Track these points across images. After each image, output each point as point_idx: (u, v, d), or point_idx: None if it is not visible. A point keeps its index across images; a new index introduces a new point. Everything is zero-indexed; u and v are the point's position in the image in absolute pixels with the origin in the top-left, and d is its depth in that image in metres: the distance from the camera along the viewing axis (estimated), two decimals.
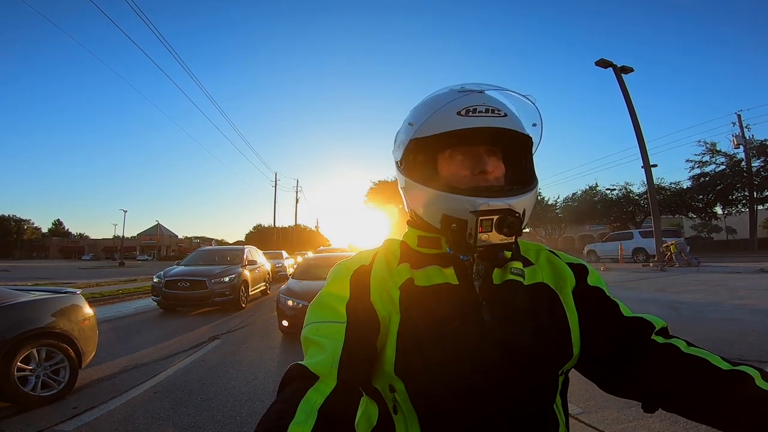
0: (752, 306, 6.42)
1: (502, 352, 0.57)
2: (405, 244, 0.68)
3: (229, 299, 8.31)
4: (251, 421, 2.93)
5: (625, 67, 17.35)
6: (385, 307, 0.60)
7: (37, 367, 3.36)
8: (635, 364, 0.59)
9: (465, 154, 0.62)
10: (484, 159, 0.61)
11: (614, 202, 31.48)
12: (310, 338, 0.57)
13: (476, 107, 0.60)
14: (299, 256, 19.18)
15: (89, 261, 58.83)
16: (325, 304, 0.60)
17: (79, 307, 3.91)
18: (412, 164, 0.67)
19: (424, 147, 0.64)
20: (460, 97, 0.61)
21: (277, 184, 37.62)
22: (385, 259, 0.65)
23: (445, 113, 0.60)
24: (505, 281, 0.63)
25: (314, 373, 0.50)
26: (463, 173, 0.62)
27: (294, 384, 0.50)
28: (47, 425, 2.94)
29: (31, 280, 16.01)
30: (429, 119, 0.62)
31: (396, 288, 0.61)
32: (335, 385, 0.50)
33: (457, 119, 0.59)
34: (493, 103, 0.61)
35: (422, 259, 0.65)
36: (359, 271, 0.63)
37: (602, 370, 0.63)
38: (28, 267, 34.78)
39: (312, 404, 0.47)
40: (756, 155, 24.60)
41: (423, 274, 0.62)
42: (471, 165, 0.62)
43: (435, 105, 0.63)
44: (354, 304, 0.59)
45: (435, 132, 0.61)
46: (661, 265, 14.59)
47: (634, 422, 2.63)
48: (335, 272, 0.65)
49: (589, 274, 0.68)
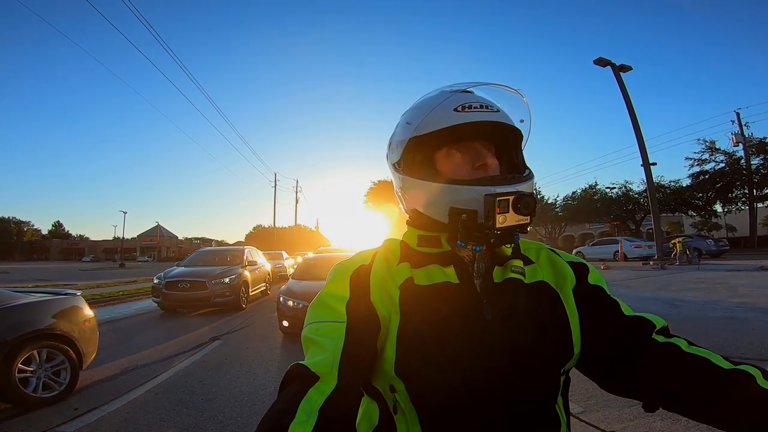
0: (752, 304, 6.43)
1: (503, 350, 0.57)
2: (405, 244, 0.68)
3: (229, 300, 8.32)
4: (252, 421, 2.93)
5: (623, 66, 17.38)
6: (385, 307, 0.60)
7: (37, 369, 3.37)
8: (636, 363, 0.59)
9: (463, 150, 0.64)
10: (482, 153, 0.63)
11: (614, 200, 31.50)
12: (310, 338, 0.57)
13: (471, 104, 0.62)
14: (299, 257, 19.17)
15: (89, 262, 58.78)
16: (325, 304, 0.60)
17: (80, 309, 3.91)
18: (411, 163, 0.68)
19: (423, 145, 0.66)
20: (455, 95, 0.65)
21: (276, 185, 37.65)
22: (384, 259, 0.65)
23: (442, 110, 0.63)
24: (506, 279, 0.62)
25: (315, 373, 0.50)
26: (463, 168, 0.63)
27: (295, 384, 0.50)
28: (48, 426, 2.95)
29: (32, 282, 16.04)
30: (427, 117, 0.64)
31: (396, 287, 0.61)
32: (336, 385, 0.49)
33: (454, 115, 0.62)
34: (486, 99, 0.65)
35: (422, 258, 0.65)
36: (359, 271, 0.63)
37: (603, 369, 0.63)
38: (29, 269, 34.78)
39: (313, 404, 0.47)
40: (755, 153, 24.62)
41: (423, 273, 0.62)
42: (470, 160, 0.63)
43: (432, 104, 0.65)
44: (354, 304, 0.59)
45: (434, 128, 0.63)
46: (662, 263, 14.65)
47: (634, 421, 2.63)
48: (335, 272, 0.65)
49: (589, 273, 0.68)
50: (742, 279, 9.70)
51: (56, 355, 3.52)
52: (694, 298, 7.40)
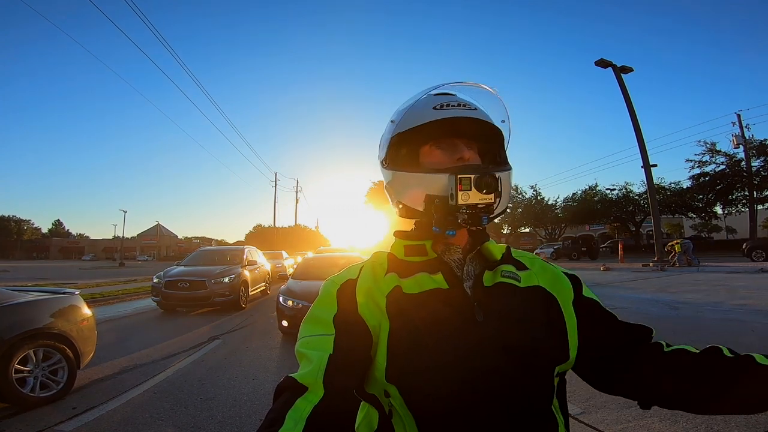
0: (752, 306, 6.44)
1: (496, 352, 0.57)
2: (392, 256, 0.70)
3: (228, 299, 8.32)
4: (251, 421, 2.92)
5: (624, 67, 17.38)
6: (374, 317, 0.61)
7: (35, 368, 3.35)
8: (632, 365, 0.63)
9: (443, 146, 0.67)
10: (461, 148, 0.66)
11: (614, 202, 31.52)
12: (301, 351, 0.59)
13: (449, 102, 0.66)
14: (299, 257, 19.17)
15: (89, 261, 58.74)
16: (314, 319, 0.62)
17: (78, 308, 3.88)
18: (395, 158, 0.71)
19: (406, 142, 0.69)
20: (436, 95, 0.68)
21: (277, 185, 37.65)
22: (371, 271, 0.67)
23: (422, 108, 0.67)
24: (497, 283, 0.64)
25: (302, 384, 0.52)
26: (443, 161, 0.66)
27: (285, 395, 0.53)
28: (47, 425, 2.95)
29: (32, 281, 16.02)
30: (407, 114, 0.68)
31: (383, 296, 0.63)
32: (323, 394, 0.51)
33: (433, 112, 0.65)
34: (465, 99, 0.68)
35: (410, 267, 0.66)
36: (345, 285, 0.65)
37: (599, 372, 0.66)
38: (28, 267, 34.80)
39: (300, 413, 0.49)
40: (756, 155, 24.59)
41: (412, 282, 0.64)
42: (450, 154, 0.66)
43: (412, 102, 0.69)
44: (342, 317, 0.61)
45: (413, 125, 0.66)
46: (662, 265, 14.64)
47: (633, 422, 2.63)
48: (323, 288, 0.67)
49: (582, 287, 0.70)
50: (742, 281, 9.70)
51: (53, 355, 3.50)
52: (693, 300, 7.40)
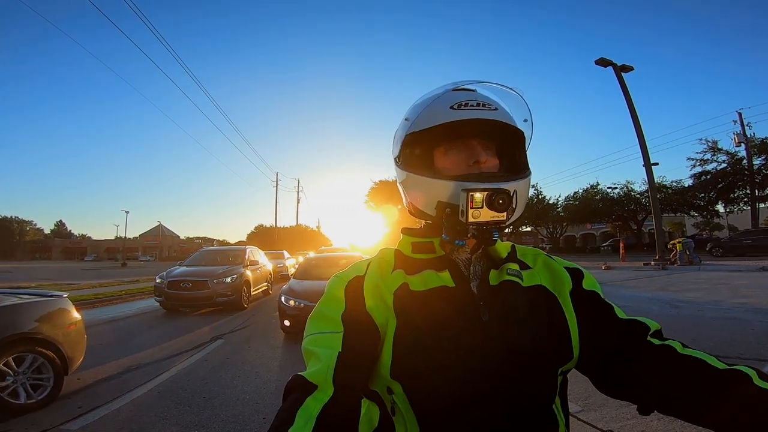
0: (753, 305, 6.42)
1: (501, 351, 0.57)
2: (399, 252, 0.69)
3: (231, 299, 8.34)
4: (254, 419, 2.95)
5: (625, 66, 17.32)
6: (382, 314, 0.61)
7: (18, 374, 3.22)
8: (631, 366, 0.60)
9: (459, 147, 0.64)
10: (477, 150, 0.63)
11: (615, 200, 31.40)
12: (309, 349, 0.58)
13: (468, 102, 0.62)
14: (301, 256, 19.18)
15: (92, 262, 58.85)
16: (322, 316, 0.62)
17: (66, 312, 3.73)
18: (409, 158, 0.69)
19: (420, 141, 0.66)
20: (454, 93, 0.64)
21: (278, 185, 37.71)
22: (378, 268, 0.66)
23: (438, 107, 0.63)
24: (503, 282, 0.63)
25: (312, 382, 0.51)
26: (458, 165, 0.63)
27: (294, 394, 0.52)
28: (52, 425, 2.98)
29: (34, 282, 16.09)
30: (423, 113, 0.64)
31: (390, 293, 0.62)
32: (333, 393, 0.50)
33: (450, 112, 0.62)
34: (485, 98, 0.64)
35: (417, 264, 0.65)
36: (353, 282, 0.64)
37: (599, 372, 0.64)
38: (31, 268, 34.89)
39: (310, 411, 0.48)
40: (757, 153, 24.47)
41: (418, 279, 0.63)
42: (465, 157, 0.63)
43: (429, 101, 0.65)
44: (350, 314, 0.60)
45: (429, 125, 0.63)
46: (663, 264, 14.62)
47: (632, 420, 2.65)
48: (331, 284, 0.66)
49: (584, 278, 0.68)
50: (743, 279, 9.68)
51: (39, 360, 3.35)
52: (694, 299, 7.39)
